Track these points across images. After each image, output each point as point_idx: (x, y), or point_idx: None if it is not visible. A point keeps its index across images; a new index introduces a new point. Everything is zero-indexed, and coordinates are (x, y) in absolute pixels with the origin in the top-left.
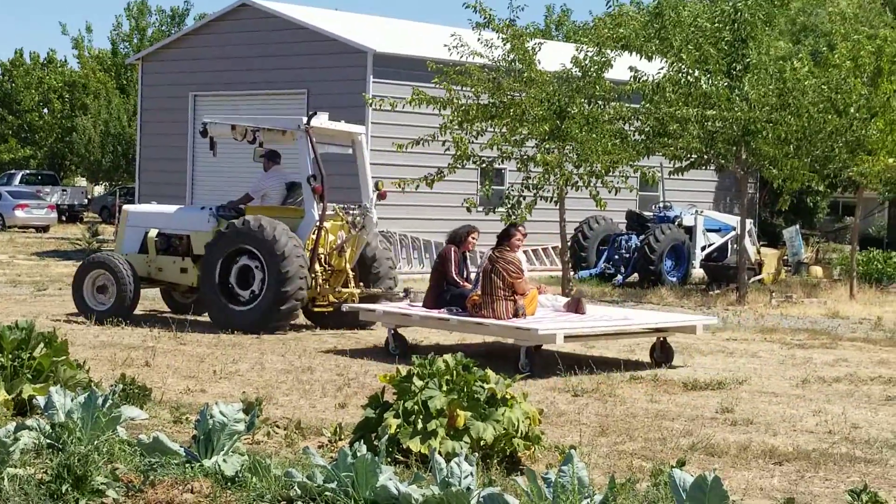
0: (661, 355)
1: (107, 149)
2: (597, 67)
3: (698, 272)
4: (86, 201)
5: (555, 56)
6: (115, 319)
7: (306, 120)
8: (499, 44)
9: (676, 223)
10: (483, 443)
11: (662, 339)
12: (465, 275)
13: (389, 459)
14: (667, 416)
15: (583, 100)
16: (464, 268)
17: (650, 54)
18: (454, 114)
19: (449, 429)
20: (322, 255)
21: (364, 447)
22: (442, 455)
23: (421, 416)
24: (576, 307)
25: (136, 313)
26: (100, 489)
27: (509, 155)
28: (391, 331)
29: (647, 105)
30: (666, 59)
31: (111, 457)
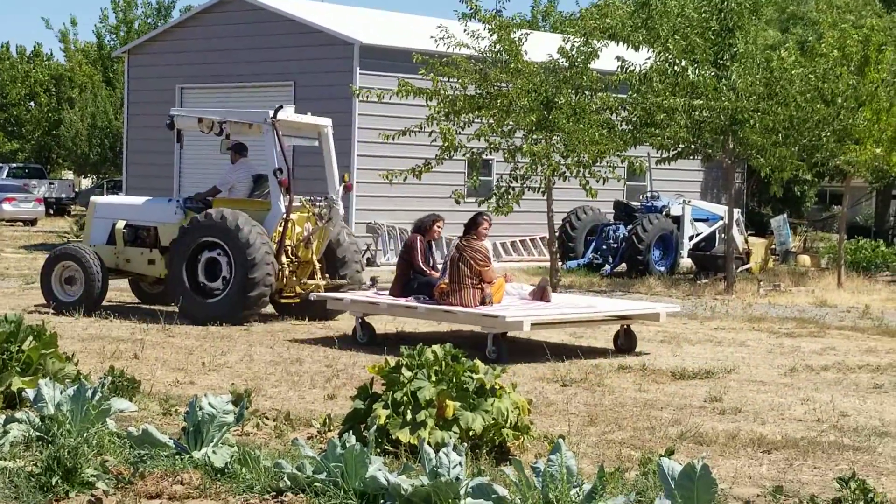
0: (625, 342)
1: (94, 142)
2: (583, 58)
3: (686, 262)
4: (73, 194)
5: (541, 47)
6: (103, 312)
7: (272, 113)
8: (485, 35)
9: (664, 213)
10: (472, 433)
11: (626, 327)
12: (431, 263)
13: (379, 450)
14: (655, 406)
15: (570, 90)
16: (430, 256)
17: (637, 44)
18: (441, 105)
19: (438, 419)
20: (289, 247)
21: (353, 438)
22: (431, 445)
23: (410, 407)
24: (541, 295)
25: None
26: (90, 481)
27: (497, 146)
28: (359, 319)
29: (634, 95)
30: (653, 49)
31: (101, 449)
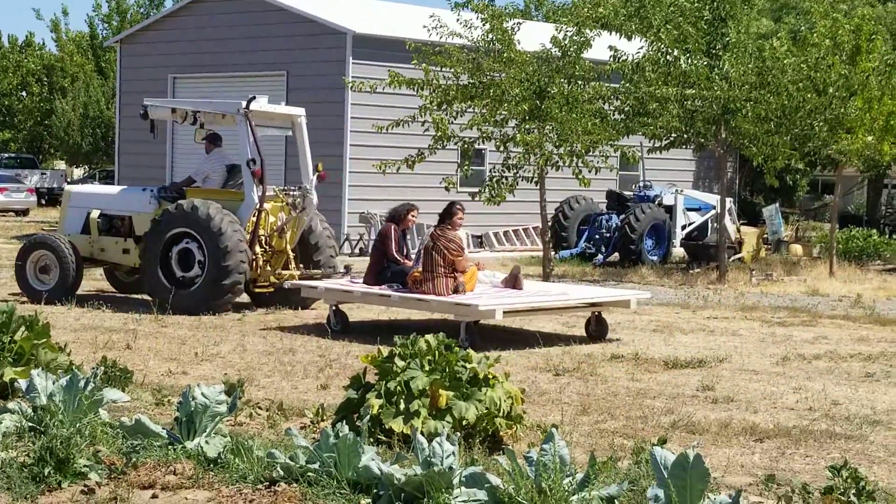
0: (596, 329)
1: (86, 132)
2: (576, 47)
3: (679, 251)
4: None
5: (534, 36)
6: (95, 302)
7: (245, 104)
8: (478, 24)
9: (657, 202)
10: (465, 422)
11: (597, 314)
12: (405, 252)
13: (372, 440)
14: (648, 395)
15: (562, 80)
16: (403, 245)
17: (629, 34)
18: (433, 95)
19: (431, 409)
20: (263, 237)
21: (346, 428)
22: (424, 435)
23: (403, 397)
24: (514, 283)
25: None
26: (82, 472)
27: (489, 135)
28: (332, 307)
29: (627, 84)
30: (645, 38)
31: (93, 439)
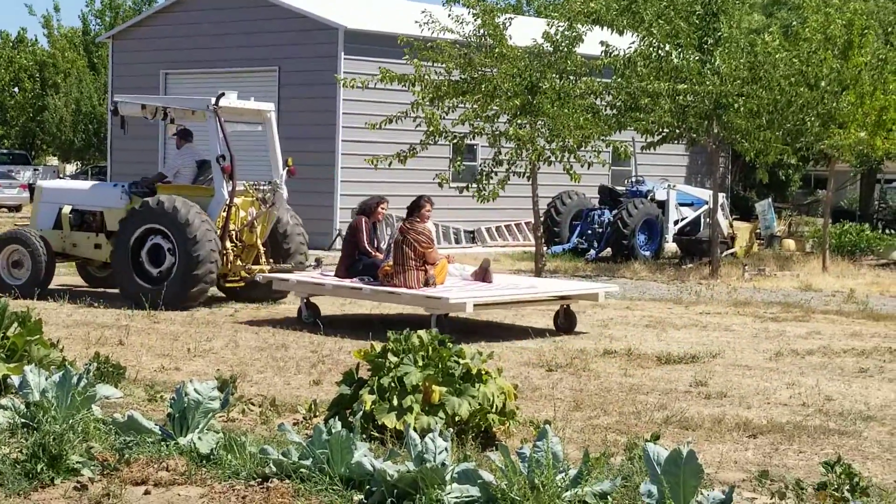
0: (565, 322)
1: (78, 128)
2: (568, 42)
3: (671, 246)
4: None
5: (526, 31)
6: (87, 299)
7: (214, 100)
8: (470, 19)
9: (649, 198)
10: (458, 418)
11: (566, 307)
12: (375, 245)
13: (364, 436)
14: (641, 390)
15: (554, 75)
16: (374, 238)
17: (621, 29)
18: (425, 90)
19: (424, 404)
20: (233, 232)
21: (339, 424)
22: (417, 431)
23: (396, 392)
24: (483, 276)
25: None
26: (75, 468)
27: (481, 131)
28: (304, 300)
29: (619, 80)
30: (637, 33)
31: (86, 435)
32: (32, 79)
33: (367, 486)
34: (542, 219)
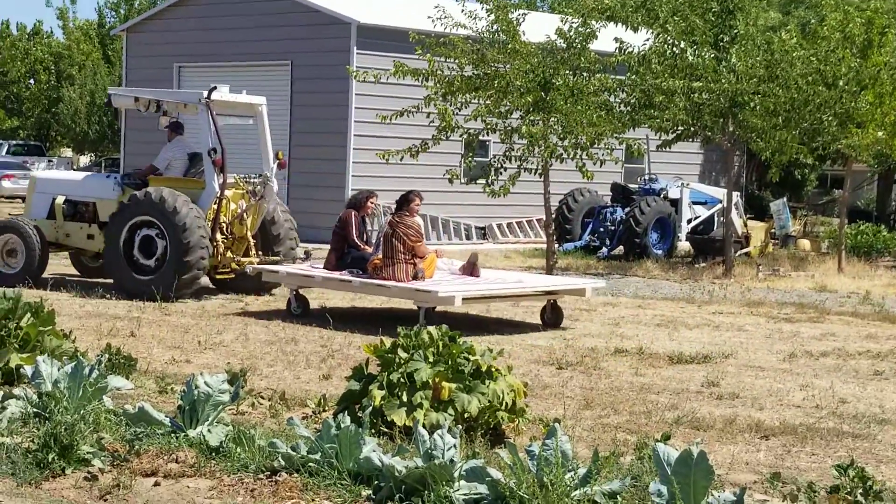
0: (552, 317)
1: (92, 119)
2: (581, 39)
3: (684, 245)
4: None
5: (539, 27)
6: (99, 290)
7: (206, 94)
8: (483, 15)
9: (662, 196)
10: (467, 415)
11: (553, 302)
12: (364, 238)
13: (373, 431)
14: (652, 390)
15: (567, 71)
16: (363, 231)
17: (636, 25)
18: (438, 85)
19: (433, 401)
20: (224, 224)
21: (348, 419)
22: (426, 427)
23: (406, 389)
24: (471, 270)
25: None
26: (86, 458)
27: (493, 127)
28: (293, 291)
29: (633, 77)
30: (652, 30)
31: (97, 426)
32: (48, 71)
33: (376, 482)
34: (553, 216)
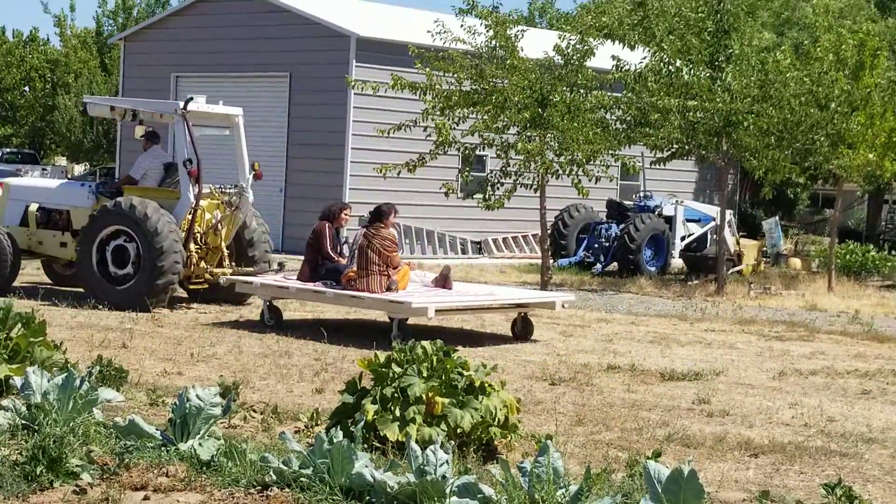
0: (522, 329)
1: (88, 128)
2: (579, 56)
3: (678, 262)
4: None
5: (537, 44)
6: (91, 300)
7: (183, 104)
8: (482, 30)
9: (656, 213)
10: (460, 430)
11: (523, 315)
12: (338, 250)
13: (366, 446)
14: (643, 407)
15: (565, 88)
16: (337, 243)
17: (633, 43)
18: (436, 100)
19: (426, 416)
20: (198, 234)
21: (340, 433)
22: (419, 442)
23: (399, 403)
24: (443, 283)
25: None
26: (74, 471)
27: (490, 142)
28: (266, 302)
29: (629, 94)
30: (648, 48)
31: (86, 439)
32: (43, 78)
33: (368, 497)
34: (549, 231)
